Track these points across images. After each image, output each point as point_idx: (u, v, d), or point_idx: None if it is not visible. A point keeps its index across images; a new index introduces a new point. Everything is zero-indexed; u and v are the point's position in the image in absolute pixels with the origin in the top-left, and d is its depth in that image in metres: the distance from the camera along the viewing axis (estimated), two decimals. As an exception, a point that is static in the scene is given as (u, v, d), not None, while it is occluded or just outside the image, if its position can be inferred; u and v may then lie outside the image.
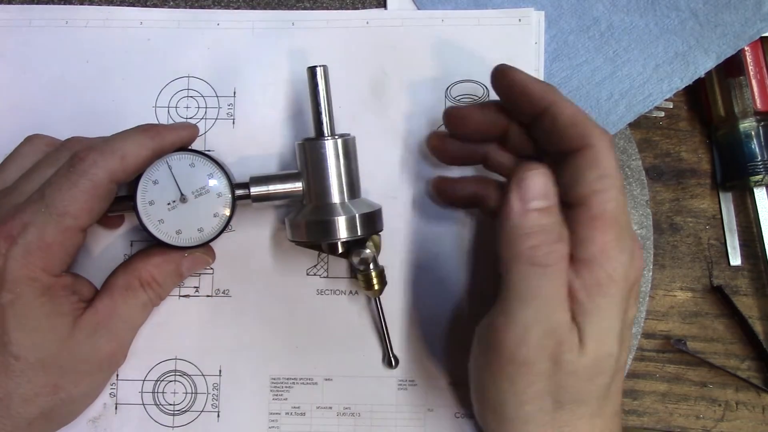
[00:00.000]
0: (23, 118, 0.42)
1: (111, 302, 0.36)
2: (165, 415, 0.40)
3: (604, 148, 0.30)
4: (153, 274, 0.37)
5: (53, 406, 0.34)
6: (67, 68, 0.43)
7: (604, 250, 0.29)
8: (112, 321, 0.35)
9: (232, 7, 0.44)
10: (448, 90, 0.43)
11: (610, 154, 0.30)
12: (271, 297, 0.41)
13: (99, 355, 0.35)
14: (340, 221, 0.36)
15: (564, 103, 0.32)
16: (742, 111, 0.43)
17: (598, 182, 0.30)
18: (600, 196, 0.30)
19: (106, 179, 0.33)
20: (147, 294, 0.37)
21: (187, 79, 0.43)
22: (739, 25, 0.42)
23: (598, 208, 0.30)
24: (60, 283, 0.34)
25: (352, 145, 0.38)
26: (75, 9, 0.43)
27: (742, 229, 0.44)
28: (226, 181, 0.36)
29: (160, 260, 0.37)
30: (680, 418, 0.43)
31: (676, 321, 0.44)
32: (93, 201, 0.33)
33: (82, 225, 0.33)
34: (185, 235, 0.36)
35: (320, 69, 0.37)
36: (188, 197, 0.36)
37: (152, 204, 0.35)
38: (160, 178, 0.35)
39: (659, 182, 0.45)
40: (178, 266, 0.37)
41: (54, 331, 0.33)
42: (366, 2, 0.45)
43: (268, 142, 0.42)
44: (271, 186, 0.37)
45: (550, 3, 0.44)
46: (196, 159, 0.36)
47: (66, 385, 0.34)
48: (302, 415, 0.40)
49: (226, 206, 0.36)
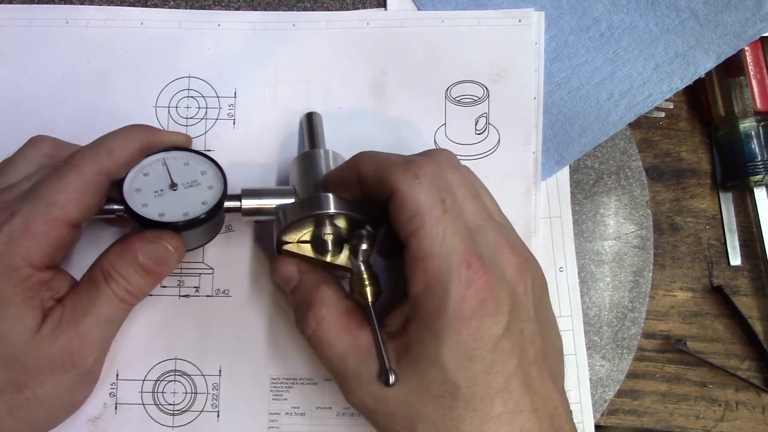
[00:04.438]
0: (23, 118, 0.42)
1: (76, 296, 0.34)
2: (165, 415, 0.40)
3: (408, 186, 0.31)
4: (112, 264, 0.34)
5: (20, 404, 0.33)
6: (67, 68, 0.43)
7: (425, 289, 0.30)
8: (75, 315, 0.34)
9: (232, 7, 0.44)
10: (448, 90, 0.43)
11: (419, 187, 0.31)
12: (271, 297, 0.41)
13: (60, 351, 0.33)
14: (330, 198, 0.35)
15: (366, 164, 0.33)
16: (742, 111, 0.43)
17: (410, 224, 0.31)
18: (414, 237, 0.30)
19: (93, 171, 0.33)
20: (110, 287, 0.34)
21: (187, 79, 0.43)
22: (739, 25, 0.43)
23: (414, 249, 0.30)
24: (37, 277, 0.33)
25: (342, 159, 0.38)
26: (76, 9, 0.43)
27: (742, 229, 0.44)
28: (220, 176, 0.35)
29: (118, 249, 0.35)
30: (680, 418, 0.43)
31: (676, 321, 0.44)
32: (80, 192, 0.32)
33: (69, 217, 0.32)
34: (167, 217, 0.34)
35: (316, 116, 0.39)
36: (178, 186, 0.35)
37: (138, 191, 0.34)
38: (151, 172, 0.35)
39: (659, 182, 0.45)
40: (135, 255, 0.34)
41: (21, 325, 0.32)
42: (366, 2, 0.45)
43: (268, 142, 0.42)
44: (263, 200, 0.36)
45: (550, 3, 0.44)
46: (192, 158, 0.36)
47: (31, 383, 0.33)
48: (302, 416, 0.40)
49: (216, 196, 0.35)
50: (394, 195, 0.31)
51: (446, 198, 0.31)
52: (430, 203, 0.31)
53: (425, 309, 0.30)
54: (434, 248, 0.30)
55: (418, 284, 0.30)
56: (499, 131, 0.43)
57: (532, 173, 0.42)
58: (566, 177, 0.44)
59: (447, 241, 0.30)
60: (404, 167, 0.31)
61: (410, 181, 0.31)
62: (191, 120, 0.42)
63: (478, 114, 0.43)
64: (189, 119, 0.42)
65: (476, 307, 0.30)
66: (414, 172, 0.31)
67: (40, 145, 0.37)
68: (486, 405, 0.30)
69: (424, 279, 0.30)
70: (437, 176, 0.32)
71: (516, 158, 0.42)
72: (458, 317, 0.29)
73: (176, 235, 0.35)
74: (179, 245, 0.35)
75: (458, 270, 0.30)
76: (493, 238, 0.32)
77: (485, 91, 0.43)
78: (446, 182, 0.32)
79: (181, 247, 0.35)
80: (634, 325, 0.43)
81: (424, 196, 0.31)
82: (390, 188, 0.31)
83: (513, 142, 0.42)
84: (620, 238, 0.44)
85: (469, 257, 0.30)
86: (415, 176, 0.31)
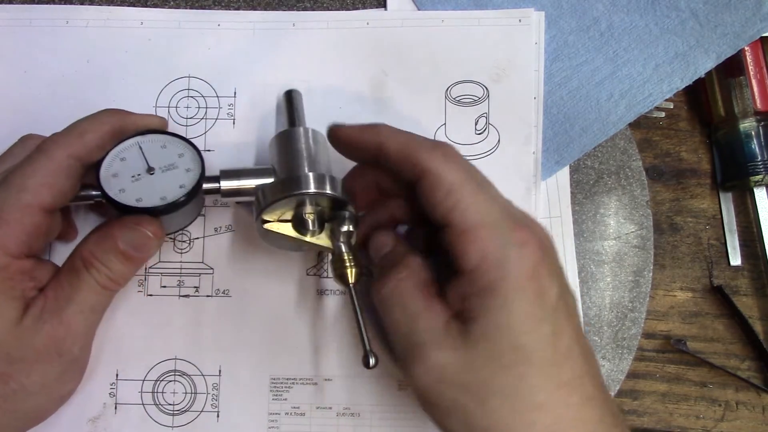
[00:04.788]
0: (23, 118, 0.42)
1: (57, 285, 0.34)
2: (165, 415, 0.40)
3: (439, 164, 0.31)
4: (92, 252, 0.34)
5: (5, 396, 0.32)
6: (67, 68, 0.43)
7: (482, 258, 0.30)
8: (58, 304, 0.33)
9: (232, 7, 0.44)
10: (448, 90, 0.43)
11: (448, 165, 0.31)
12: (271, 297, 0.41)
13: (45, 341, 0.33)
14: (310, 176, 0.34)
15: (391, 139, 0.33)
16: (742, 111, 0.43)
17: (447, 200, 0.30)
18: (455, 212, 0.30)
19: (63, 155, 0.33)
20: (92, 275, 0.34)
21: (187, 79, 0.43)
22: (739, 25, 0.43)
23: (459, 224, 0.30)
24: (16, 266, 0.32)
25: (323, 138, 0.37)
26: (75, 9, 0.43)
27: (742, 229, 0.44)
28: (198, 159, 0.35)
29: (97, 237, 0.35)
30: (680, 418, 0.43)
31: (676, 321, 0.44)
32: (51, 176, 0.32)
33: (42, 203, 0.32)
34: (145, 202, 0.34)
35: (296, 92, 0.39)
36: (155, 171, 0.34)
37: (116, 176, 0.34)
38: (128, 156, 0.35)
39: (659, 182, 0.45)
40: (114, 242, 0.34)
41: (2, 316, 0.32)
42: (366, 2, 0.45)
43: (268, 142, 0.42)
44: (243, 180, 0.36)
45: (550, 3, 0.44)
46: (169, 141, 0.35)
47: (16, 374, 0.33)
48: (302, 416, 0.40)
49: (194, 179, 0.34)
50: (427, 175, 0.31)
51: (476, 175, 0.32)
52: (464, 178, 0.31)
53: (486, 278, 0.30)
54: (480, 217, 0.30)
55: (473, 256, 0.30)
56: (499, 131, 0.43)
57: (532, 173, 0.42)
58: (566, 177, 0.44)
59: (491, 209, 0.30)
60: (432, 147, 0.32)
61: (440, 159, 0.31)
62: (191, 120, 0.42)
63: (478, 114, 0.43)
64: (189, 119, 0.42)
65: (534, 267, 0.30)
66: (442, 151, 0.32)
67: (28, 143, 0.37)
68: (557, 371, 0.29)
69: (478, 248, 0.30)
70: (461, 156, 0.32)
71: (516, 158, 0.42)
72: (523, 278, 0.29)
73: (155, 220, 0.35)
74: (158, 230, 0.35)
75: (510, 234, 0.30)
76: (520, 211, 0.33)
77: (485, 91, 0.43)
78: None
79: (160, 232, 0.35)
80: (634, 325, 0.43)
81: (457, 173, 0.31)
82: (420, 168, 0.31)
83: (513, 142, 0.42)
84: (620, 238, 0.44)
85: (515, 222, 0.30)
86: (444, 155, 0.31)
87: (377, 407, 0.40)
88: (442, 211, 0.31)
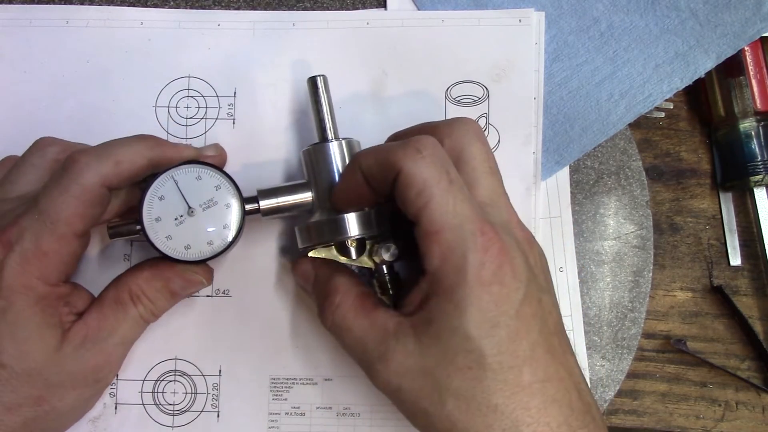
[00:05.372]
0: (23, 118, 0.42)
1: (100, 315, 0.35)
2: (165, 415, 0.40)
3: (412, 163, 0.30)
4: (142, 289, 0.35)
5: (36, 417, 0.33)
6: (67, 68, 0.43)
7: (443, 261, 0.30)
8: (100, 335, 0.34)
9: (232, 7, 0.44)
10: (448, 90, 0.43)
11: (421, 162, 0.30)
12: (271, 297, 0.41)
13: (84, 369, 0.34)
14: (351, 218, 0.35)
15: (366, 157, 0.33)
16: (742, 111, 0.43)
17: (417, 200, 0.30)
18: (425, 211, 0.30)
19: (97, 183, 0.32)
20: (137, 309, 0.35)
21: (187, 79, 0.43)
22: (739, 25, 0.43)
23: (426, 224, 0.30)
24: (55, 293, 0.33)
25: (357, 147, 0.38)
26: (76, 9, 0.43)
27: (742, 229, 0.44)
28: (234, 191, 0.35)
29: (149, 275, 0.36)
30: (680, 418, 0.43)
31: (676, 321, 0.44)
32: (85, 206, 0.32)
33: (76, 231, 0.32)
34: (194, 249, 0.34)
35: (320, 79, 0.37)
36: (196, 210, 0.35)
37: (159, 221, 0.34)
38: (165, 194, 0.34)
39: (659, 182, 0.45)
40: (167, 283, 0.36)
41: (43, 342, 0.32)
42: (366, 2, 0.45)
43: (268, 142, 0.42)
44: (281, 198, 0.36)
45: (550, 3, 0.44)
46: (203, 171, 0.35)
47: (50, 398, 0.33)
48: (302, 416, 0.40)
49: (235, 217, 0.35)
50: (400, 174, 0.31)
51: (450, 170, 0.31)
52: (436, 176, 0.30)
53: (444, 281, 0.30)
54: (446, 219, 0.30)
55: (435, 258, 0.30)
56: (499, 131, 0.43)
57: (532, 173, 0.42)
58: (566, 177, 0.44)
59: (458, 210, 0.30)
60: (404, 145, 0.31)
61: (413, 156, 0.31)
62: (191, 120, 0.42)
63: (478, 114, 0.43)
64: (189, 119, 0.42)
65: (495, 272, 0.29)
66: (415, 148, 0.31)
67: (47, 150, 0.37)
68: (515, 374, 0.29)
69: (440, 251, 0.30)
70: (438, 149, 0.31)
71: (516, 158, 0.42)
72: (478, 283, 0.29)
73: (206, 266, 0.37)
74: (208, 275, 0.37)
75: (473, 237, 0.30)
76: (506, 212, 0.33)
77: (485, 91, 0.43)
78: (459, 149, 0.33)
79: (210, 277, 0.37)
80: (634, 325, 0.43)
81: (429, 170, 0.30)
82: (394, 169, 0.31)
83: (513, 142, 0.42)
84: (620, 238, 0.44)
85: (482, 225, 0.30)
86: (417, 151, 0.31)
87: (377, 407, 0.40)
88: (413, 210, 0.31)
